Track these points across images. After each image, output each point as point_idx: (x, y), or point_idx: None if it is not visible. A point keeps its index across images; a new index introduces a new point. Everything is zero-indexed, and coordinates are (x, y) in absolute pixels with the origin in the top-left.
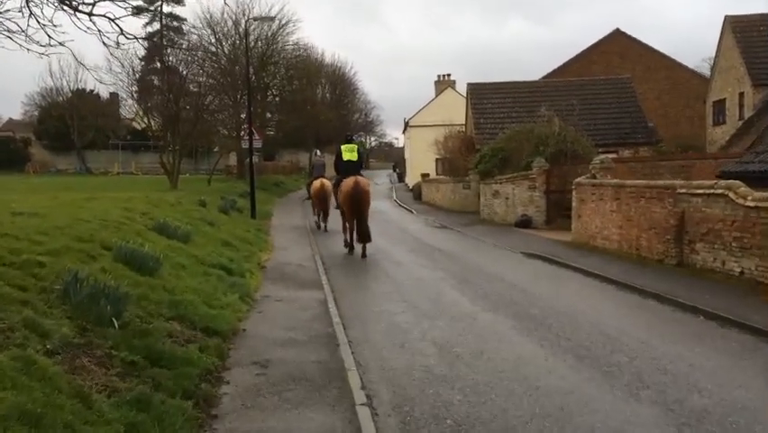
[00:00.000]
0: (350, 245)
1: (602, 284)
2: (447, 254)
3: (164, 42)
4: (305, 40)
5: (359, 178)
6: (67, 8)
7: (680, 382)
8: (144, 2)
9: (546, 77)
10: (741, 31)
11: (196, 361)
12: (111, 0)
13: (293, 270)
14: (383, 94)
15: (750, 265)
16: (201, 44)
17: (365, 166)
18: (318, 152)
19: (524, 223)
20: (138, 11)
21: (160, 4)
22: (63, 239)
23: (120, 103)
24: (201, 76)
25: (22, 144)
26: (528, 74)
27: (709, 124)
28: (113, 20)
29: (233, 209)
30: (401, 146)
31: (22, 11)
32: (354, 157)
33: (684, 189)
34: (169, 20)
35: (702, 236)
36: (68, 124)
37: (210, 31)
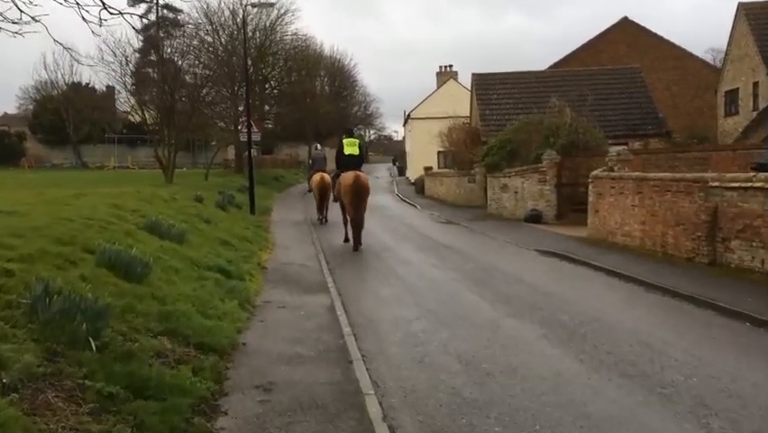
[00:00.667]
0: (353, 241)
1: (629, 285)
2: (457, 252)
3: (160, 34)
4: (304, 30)
5: (358, 172)
6: None
7: (751, 408)
8: None
9: (552, 67)
10: (755, 18)
11: (188, 388)
12: None
13: (296, 270)
14: (381, 87)
15: None
16: (197, 34)
17: (365, 160)
18: (318, 146)
19: (534, 218)
20: (134, 1)
21: None
22: (40, 242)
23: (116, 96)
24: (197, 67)
25: (16, 139)
26: (527, 67)
27: (721, 114)
28: None
29: (231, 205)
30: (400, 139)
31: None
32: (356, 151)
33: (717, 183)
34: (165, 11)
35: (738, 233)
36: (63, 117)
37: (207, 20)
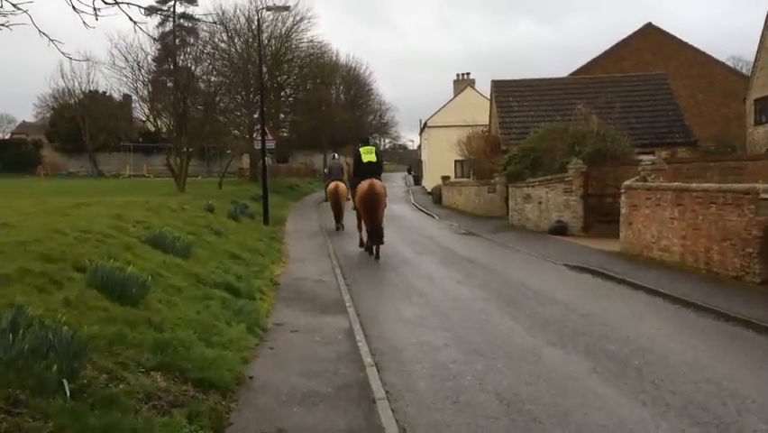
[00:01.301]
0: (365, 245)
1: (675, 307)
2: (482, 267)
3: (176, 42)
4: (320, 37)
5: (374, 180)
6: None
7: None
8: (157, 2)
9: (573, 74)
10: None
11: None
12: None
13: (311, 287)
14: (395, 96)
15: None
16: (212, 40)
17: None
18: (336, 155)
19: (559, 229)
20: (150, 11)
21: (173, 4)
22: (22, 259)
23: (132, 104)
24: (212, 74)
25: (33, 147)
26: (540, 75)
27: (750, 123)
28: None
29: (243, 214)
30: (414, 148)
31: None
32: (373, 159)
33: None
34: (182, 20)
35: None
36: (79, 126)
37: (222, 27)
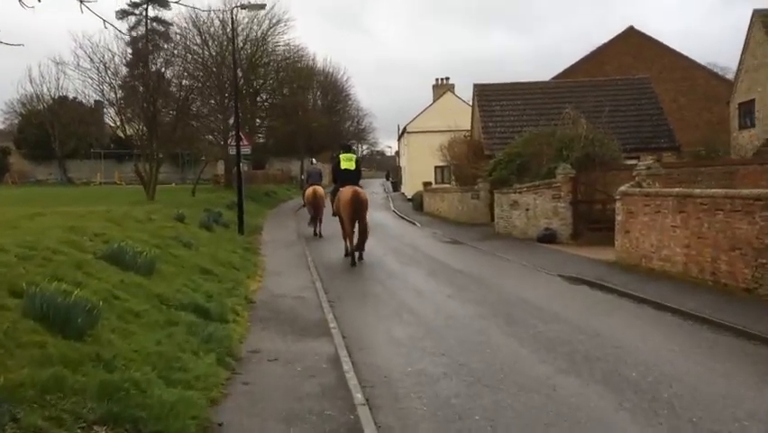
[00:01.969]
0: (350, 255)
1: (687, 323)
2: (473, 279)
3: (149, 47)
4: (296, 41)
5: (357, 188)
6: None
7: None
8: (129, 5)
9: (555, 78)
10: None
11: None
12: None
13: (290, 305)
14: (371, 102)
15: None
16: (184, 43)
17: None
18: (314, 160)
19: (547, 237)
20: (123, 14)
21: (145, 7)
22: None
23: (103, 109)
24: (184, 77)
25: (0, 154)
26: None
27: (734, 127)
28: None
29: (217, 224)
30: (392, 154)
31: None
32: (352, 166)
33: None
34: (154, 24)
35: None
36: (48, 132)
37: (196, 31)
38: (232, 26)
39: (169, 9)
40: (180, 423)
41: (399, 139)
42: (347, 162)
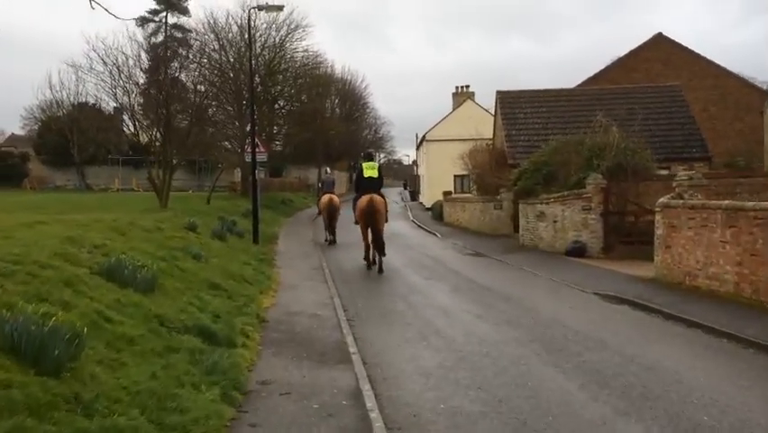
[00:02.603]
0: (368, 260)
1: (749, 352)
2: (502, 296)
3: (168, 54)
4: (315, 47)
5: (374, 195)
6: None
7: None
8: (148, 12)
9: (581, 85)
10: None
11: None
12: None
13: (306, 324)
14: (388, 111)
15: None
16: (202, 49)
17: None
18: (329, 169)
19: (577, 251)
20: (143, 21)
21: (165, 15)
22: None
23: (122, 117)
24: (200, 82)
25: (19, 159)
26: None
27: None
28: None
29: (231, 233)
30: (410, 163)
31: None
32: (375, 174)
33: None
34: (173, 31)
35: None
36: (67, 138)
37: (214, 36)
38: (248, 28)
39: (189, 16)
40: None
41: (418, 148)
42: (370, 171)
